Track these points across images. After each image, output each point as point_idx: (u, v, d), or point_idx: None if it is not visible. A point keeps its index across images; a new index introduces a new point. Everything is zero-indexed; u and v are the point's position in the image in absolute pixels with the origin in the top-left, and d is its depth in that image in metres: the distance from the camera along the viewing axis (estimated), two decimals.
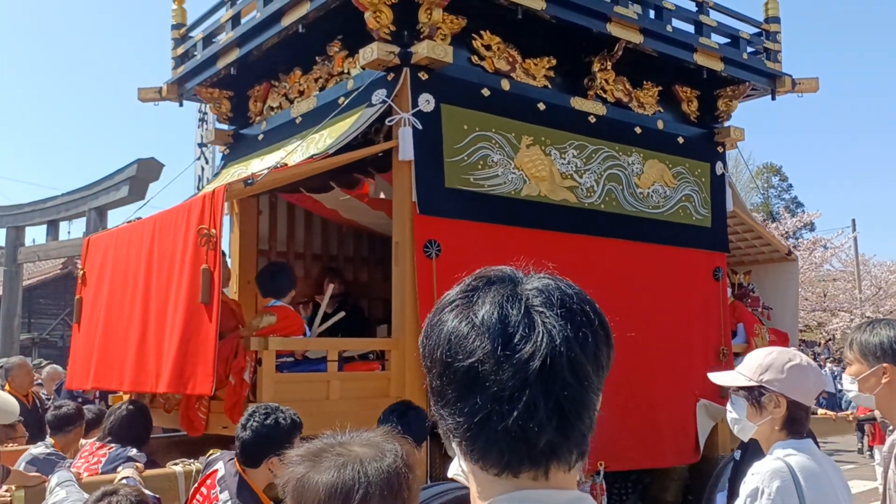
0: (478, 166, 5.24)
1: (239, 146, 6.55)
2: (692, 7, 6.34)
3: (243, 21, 5.99)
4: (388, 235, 6.79)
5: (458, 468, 1.19)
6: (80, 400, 7.25)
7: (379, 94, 5.06)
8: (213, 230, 4.47)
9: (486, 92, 5.38)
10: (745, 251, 7.32)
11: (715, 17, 6.44)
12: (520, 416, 1.01)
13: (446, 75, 5.20)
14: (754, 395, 2.78)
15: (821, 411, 7.39)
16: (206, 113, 26.24)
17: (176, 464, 4.41)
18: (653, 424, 5.82)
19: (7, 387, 7.79)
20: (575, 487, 1.09)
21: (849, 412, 7.83)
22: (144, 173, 19.87)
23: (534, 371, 1.02)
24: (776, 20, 6.78)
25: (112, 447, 4.66)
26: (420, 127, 5.00)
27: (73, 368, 5.87)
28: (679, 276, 6.16)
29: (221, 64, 6.14)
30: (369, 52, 5.00)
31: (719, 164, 6.64)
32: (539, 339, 1.03)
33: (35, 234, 23.58)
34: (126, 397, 5.92)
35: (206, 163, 26.00)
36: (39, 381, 10.28)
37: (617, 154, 5.96)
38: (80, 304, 5.86)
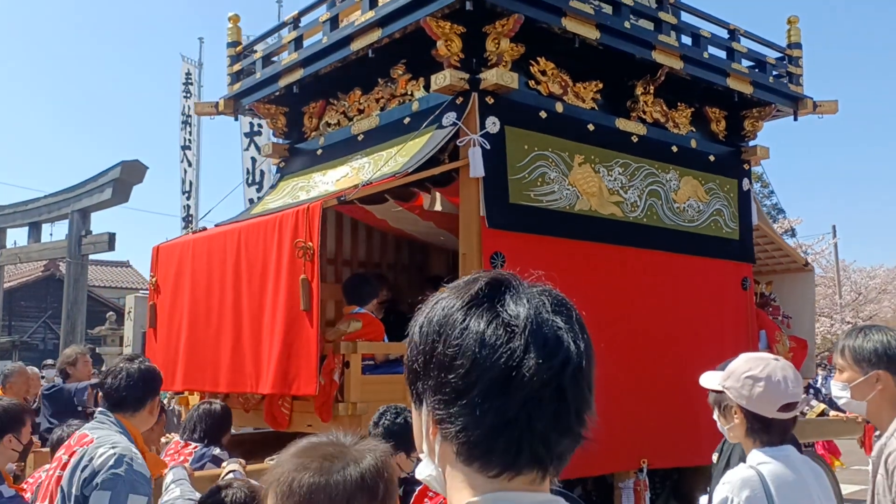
0: (537, 183, 5.79)
1: (295, 160, 7.06)
2: (724, 34, 6.94)
3: (308, 43, 6.50)
4: (432, 243, 7.35)
5: (429, 471, 1.16)
6: None
7: (449, 117, 5.58)
8: (311, 243, 4.98)
9: (543, 114, 5.94)
10: (765, 262, 7.95)
11: (744, 43, 7.05)
12: (549, 419, 1.07)
13: (509, 99, 5.74)
14: (718, 400, 2.87)
15: (832, 413, 8.00)
16: (189, 116, 26.53)
17: (272, 459, 4.89)
18: (692, 424, 6.38)
19: (1, 391, 8.24)
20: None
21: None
22: (128, 175, 20.10)
23: (569, 376, 1.08)
24: (798, 46, 7.44)
25: (196, 446, 5.14)
26: (488, 147, 5.53)
27: None
28: (712, 284, 6.77)
29: (283, 83, 6.64)
30: (442, 79, 5.53)
31: (745, 181, 7.27)
32: (570, 346, 1.10)
33: (17, 236, 23.66)
34: (193, 398, 6.41)
35: (190, 165, 26.29)
36: None
37: (656, 171, 6.55)
38: (154, 310, 6.34)
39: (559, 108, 6.07)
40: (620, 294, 6.07)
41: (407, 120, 6.04)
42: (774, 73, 7.33)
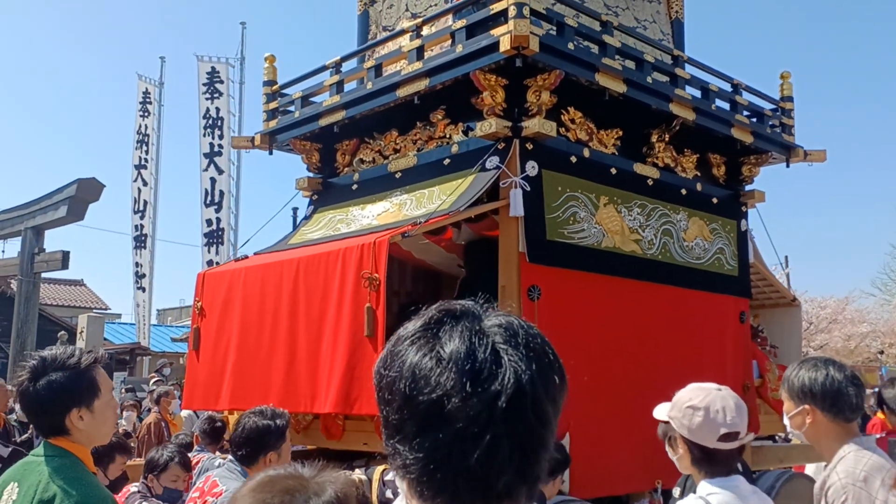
0: (569, 222, 6.48)
1: (329, 194, 7.65)
2: (727, 87, 7.76)
3: (350, 87, 7.12)
4: (449, 274, 8.01)
5: None
6: None
7: (493, 161, 6.25)
8: (376, 274, 5.58)
9: (573, 159, 6.64)
10: (756, 296, 8.74)
11: (744, 95, 7.88)
12: (482, 455, 1.04)
13: (545, 145, 6.43)
14: (665, 431, 3.00)
15: None
16: (147, 134, 26.77)
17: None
18: None
19: None
20: None
21: None
22: (84, 193, 20.32)
23: (500, 410, 1.04)
24: (790, 99, 8.29)
25: None
26: (528, 189, 6.20)
27: (192, 391, 6.83)
28: (715, 317, 7.55)
29: (323, 122, 7.25)
30: (487, 126, 6.20)
31: (743, 222, 8.09)
32: (506, 377, 1.06)
33: None
34: (232, 417, 6.93)
35: (145, 184, 26.48)
36: None
37: (669, 212, 7.30)
38: (198, 333, 6.85)
39: (586, 153, 6.78)
40: (639, 324, 6.79)
41: (447, 161, 6.68)
42: (770, 123, 8.16)
